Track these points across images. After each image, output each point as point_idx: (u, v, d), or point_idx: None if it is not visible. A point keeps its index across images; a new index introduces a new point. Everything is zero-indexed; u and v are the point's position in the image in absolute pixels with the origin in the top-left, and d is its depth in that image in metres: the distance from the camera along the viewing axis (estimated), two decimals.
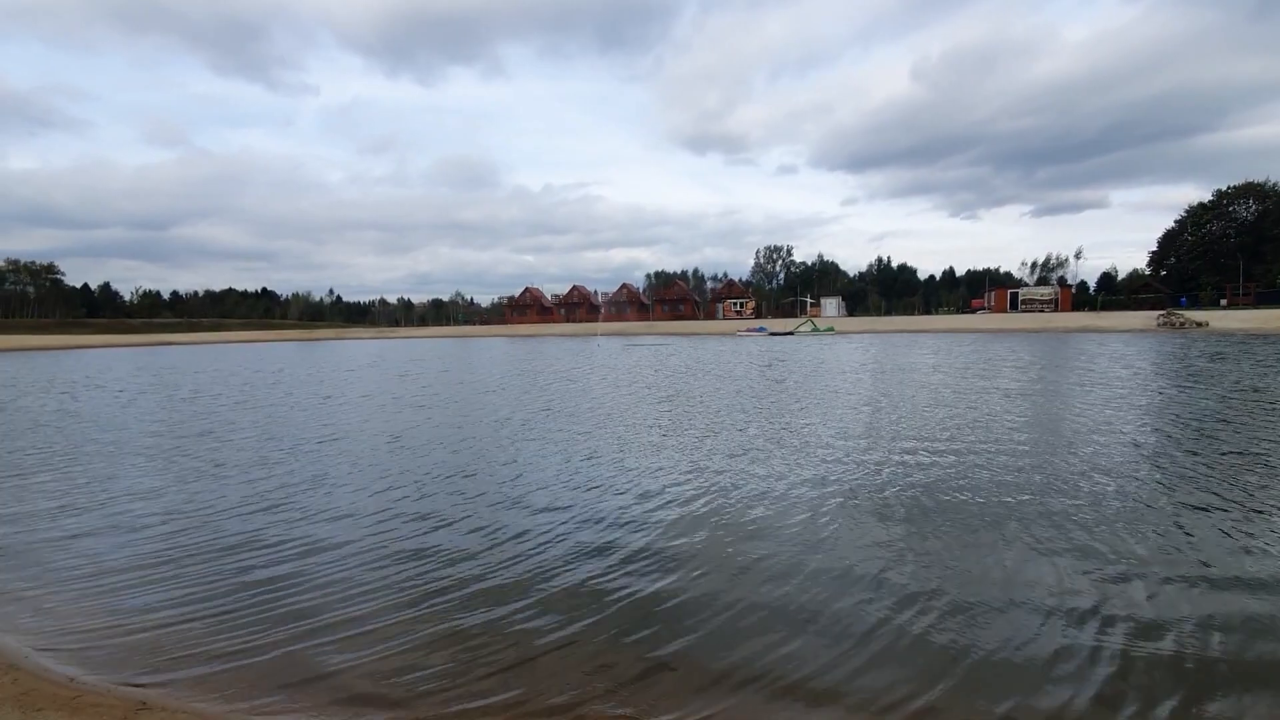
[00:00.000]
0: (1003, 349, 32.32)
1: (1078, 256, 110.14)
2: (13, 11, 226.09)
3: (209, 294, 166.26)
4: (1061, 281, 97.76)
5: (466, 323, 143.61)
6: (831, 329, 71.13)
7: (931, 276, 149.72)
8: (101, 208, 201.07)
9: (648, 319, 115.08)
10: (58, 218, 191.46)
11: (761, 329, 72.89)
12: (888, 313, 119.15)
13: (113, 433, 12.67)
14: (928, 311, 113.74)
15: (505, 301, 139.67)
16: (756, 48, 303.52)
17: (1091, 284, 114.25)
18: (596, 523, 6.37)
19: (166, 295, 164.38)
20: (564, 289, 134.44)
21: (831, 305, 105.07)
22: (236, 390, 21.12)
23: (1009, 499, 6.77)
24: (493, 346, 56.59)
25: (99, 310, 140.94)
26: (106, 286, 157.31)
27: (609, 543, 5.79)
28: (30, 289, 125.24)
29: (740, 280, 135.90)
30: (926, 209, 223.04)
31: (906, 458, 8.77)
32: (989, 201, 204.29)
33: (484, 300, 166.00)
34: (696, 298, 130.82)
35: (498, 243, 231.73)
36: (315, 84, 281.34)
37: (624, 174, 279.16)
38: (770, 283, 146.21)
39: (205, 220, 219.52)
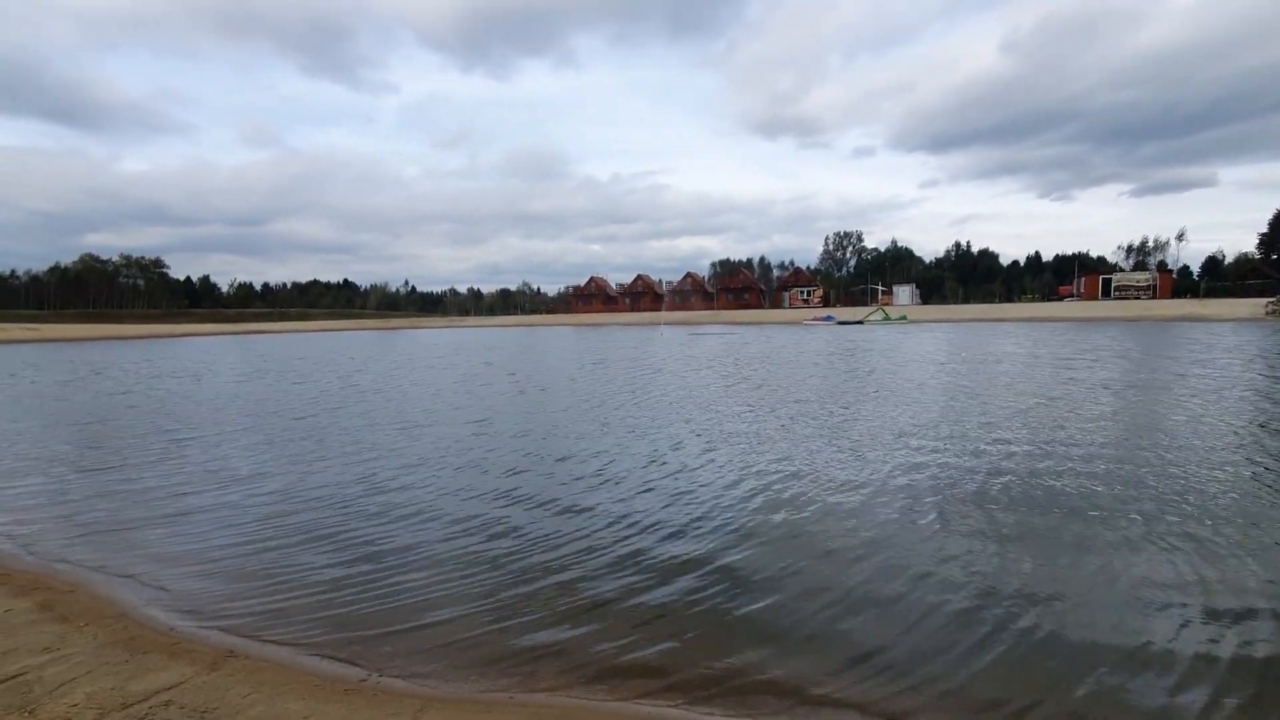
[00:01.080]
0: (1102, 339, 30.28)
1: (1179, 239, 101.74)
2: (128, 23, 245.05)
3: (295, 285, 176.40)
4: (1161, 266, 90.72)
5: (533, 312, 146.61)
6: (904, 317, 68.55)
7: (1015, 262, 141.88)
8: (203, 206, 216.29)
9: (712, 308, 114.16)
10: (166, 216, 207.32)
11: (829, 318, 71.07)
12: (966, 300, 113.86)
13: (233, 414, 13.62)
14: (1009, 299, 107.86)
15: (570, 291, 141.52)
16: (833, 26, 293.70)
17: (1195, 269, 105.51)
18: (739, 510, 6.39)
19: (259, 287, 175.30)
20: (629, 278, 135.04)
21: (904, 293, 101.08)
22: (350, 375, 22.30)
23: (1129, 506, 6.35)
24: (561, 335, 57.49)
25: (200, 301, 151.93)
26: (206, 279, 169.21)
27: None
28: (140, 282, 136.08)
29: (808, 268, 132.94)
30: (1014, 190, 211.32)
31: (1008, 452, 8.37)
32: (1085, 181, 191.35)
33: (550, 290, 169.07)
34: (762, 286, 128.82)
35: (565, 233, 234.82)
36: (395, 82, 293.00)
37: (692, 161, 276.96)
38: (840, 270, 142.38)
39: (295, 216, 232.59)
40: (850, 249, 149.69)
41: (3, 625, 3.87)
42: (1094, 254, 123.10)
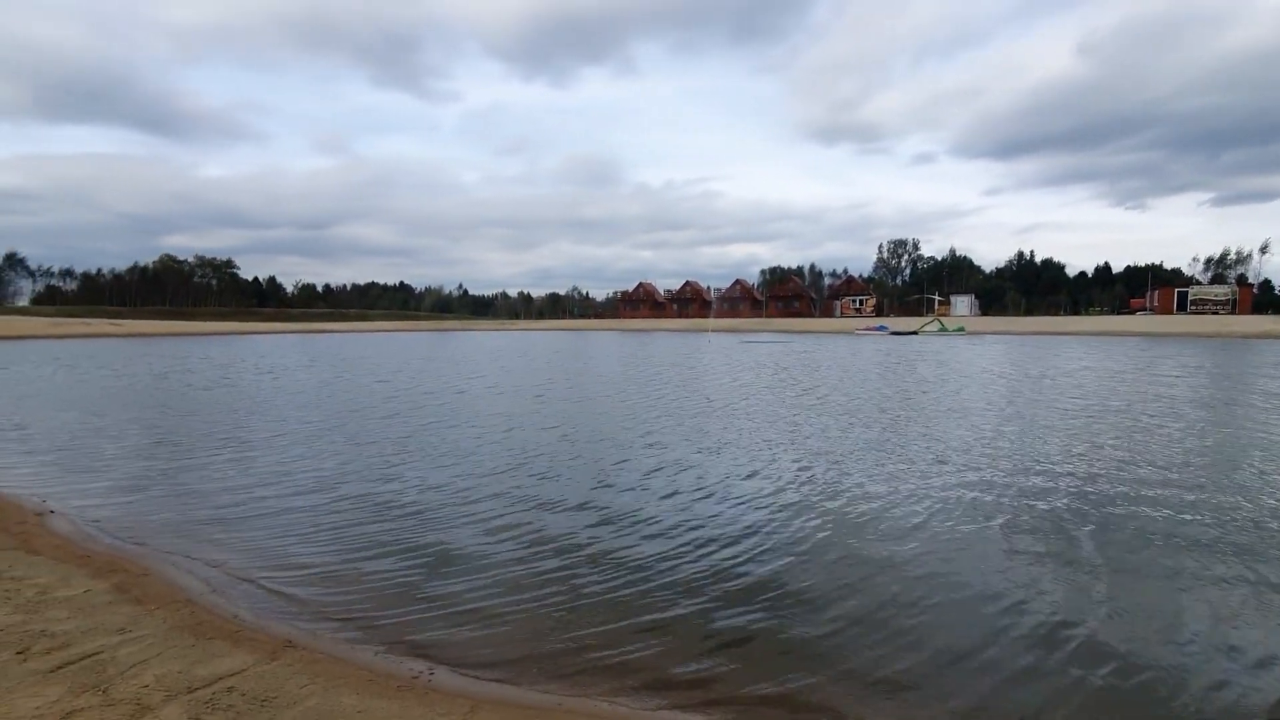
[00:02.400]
0: (1178, 355, 28.62)
1: (1263, 251, 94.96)
2: (215, 35, 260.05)
3: (355, 287, 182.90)
4: (1241, 280, 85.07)
5: (582, 316, 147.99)
6: (962, 329, 66.38)
7: (1082, 273, 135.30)
8: (275, 210, 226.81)
9: (760, 315, 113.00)
10: (239, 219, 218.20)
11: (882, 328, 69.41)
12: (1029, 312, 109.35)
13: (316, 411, 14.16)
14: (1075, 312, 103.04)
15: (619, 296, 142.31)
16: (902, 29, 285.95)
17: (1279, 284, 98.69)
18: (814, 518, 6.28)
19: (320, 288, 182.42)
20: (678, 284, 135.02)
21: (962, 303, 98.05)
22: (415, 377, 22.96)
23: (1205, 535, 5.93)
24: (611, 341, 57.85)
25: (266, 300, 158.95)
26: (273, 279, 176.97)
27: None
28: (213, 281, 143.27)
29: (861, 276, 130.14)
30: (1085, 198, 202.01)
31: (1086, 475, 7.96)
32: (1162, 189, 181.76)
33: (599, 295, 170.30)
34: (812, 294, 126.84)
35: (617, 239, 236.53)
36: (459, 91, 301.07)
37: (747, 168, 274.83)
38: (894, 279, 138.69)
39: (358, 220, 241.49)
40: (905, 257, 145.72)
41: (84, 604, 4.07)
42: (1168, 265, 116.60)
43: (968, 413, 12.47)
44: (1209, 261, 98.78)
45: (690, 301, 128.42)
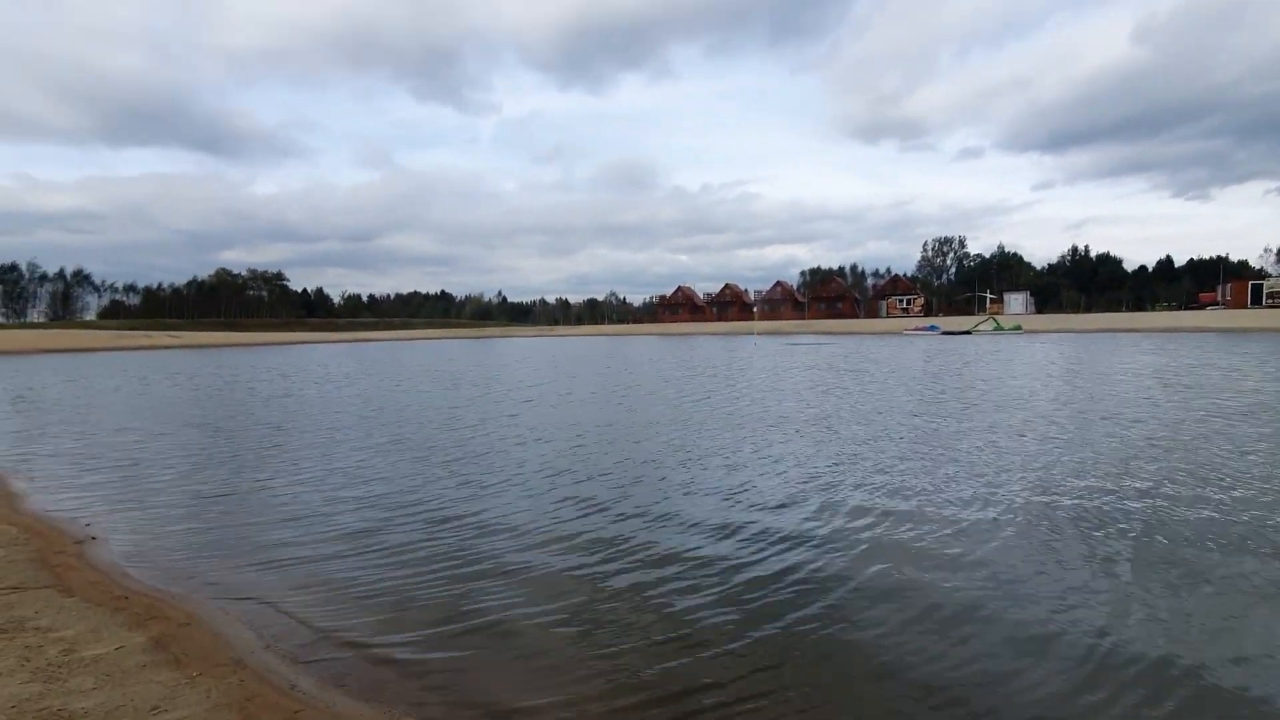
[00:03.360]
0: (1262, 353, 26.33)
1: None
2: (267, 57, 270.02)
3: (398, 296, 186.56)
4: None
5: (620, 321, 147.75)
6: (1018, 327, 63.44)
7: (1142, 267, 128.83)
8: (321, 223, 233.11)
9: (803, 317, 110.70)
10: (289, 233, 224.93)
11: (933, 328, 66.92)
12: (1087, 309, 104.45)
13: (380, 427, 13.68)
14: (1139, 308, 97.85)
15: (657, 301, 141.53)
16: (948, 20, 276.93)
17: None
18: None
19: (365, 297, 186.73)
20: (715, 287, 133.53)
21: (1016, 301, 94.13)
22: (482, 384, 22.57)
23: None
24: (656, 345, 57.08)
25: (314, 311, 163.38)
26: (320, 290, 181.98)
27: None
28: (264, 293, 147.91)
29: (905, 275, 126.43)
30: (1143, 190, 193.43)
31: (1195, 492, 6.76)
32: (1226, 178, 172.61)
33: (635, 300, 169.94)
34: (856, 295, 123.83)
35: (653, 243, 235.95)
36: (497, 102, 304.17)
37: (785, 169, 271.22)
38: (939, 278, 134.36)
39: (400, 231, 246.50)
40: (951, 255, 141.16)
41: (114, 668, 3.36)
42: (1234, 258, 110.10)
43: (1054, 420, 11.18)
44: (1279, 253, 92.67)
45: (730, 304, 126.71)
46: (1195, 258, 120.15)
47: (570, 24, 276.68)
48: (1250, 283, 73.64)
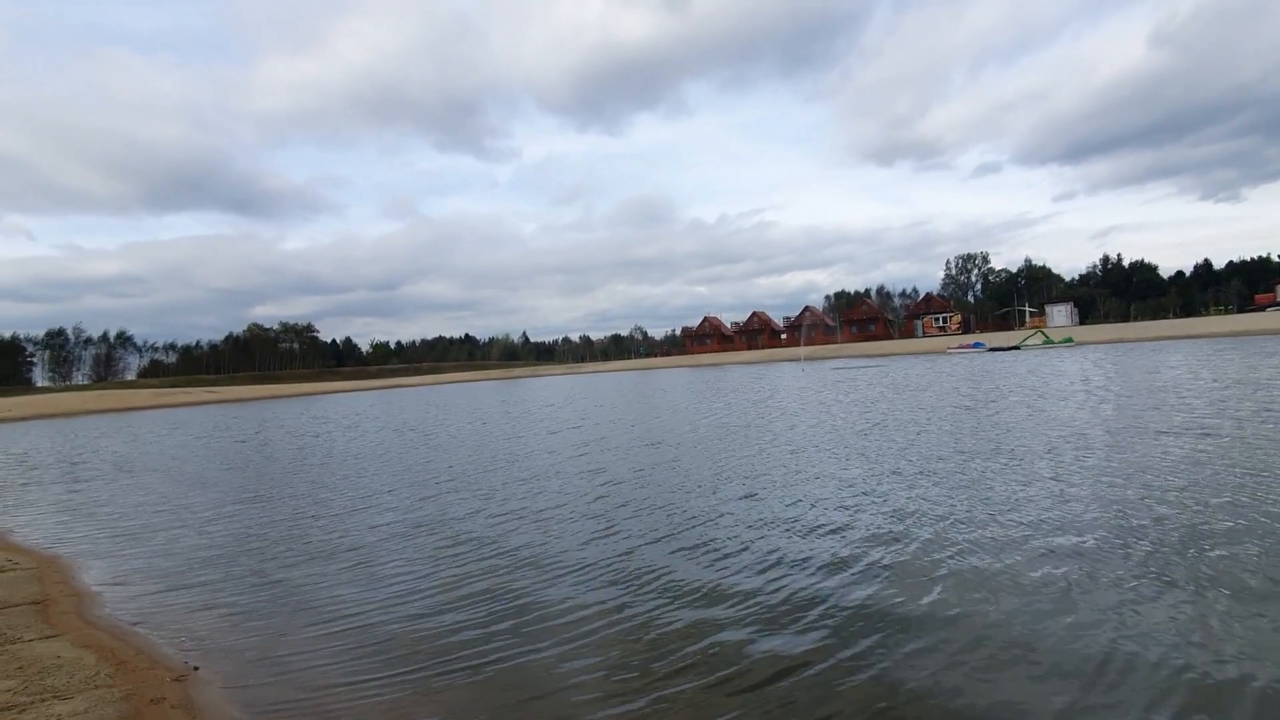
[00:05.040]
0: None
1: None
2: (297, 118, 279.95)
3: (424, 342, 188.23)
4: None
5: (648, 355, 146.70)
6: (1070, 340, 60.88)
7: (1179, 273, 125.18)
8: (349, 274, 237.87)
9: (835, 341, 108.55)
10: (318, 285, 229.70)
11: (979, 345, 64.55)
12: (1127, 318, 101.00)
13: (454, 494, 12.50)
14: (1188, 313, 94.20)
15: (684, 332, 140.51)
16: (959, 39, 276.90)
17: None
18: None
19: (393, 344, 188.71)
20: (742, 316, 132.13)
21: (1060, 312, 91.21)
22: (544, 429, 21.41)
23: None
24: (692, 378, 55.67)
25: (344, 360, 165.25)
26: (349, 340, 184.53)
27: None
28: (295, 345, 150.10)
29: (935, 294, 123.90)
30: (1169, 194, 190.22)
31: None
32: (1257, 176, 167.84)
33: (657, 333, 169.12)
34: (888, 316, 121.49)
35: (672, 276, 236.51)
36: (517, 147, 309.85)
37: (800, 195, 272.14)
38: (965, 294, 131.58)
39: (424, 278, 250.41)
40: (975, 271, 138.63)
41: None
42: (1276, 257, 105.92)
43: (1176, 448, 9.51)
44: None
45: (759, 332, 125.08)
46: (1235, 259, 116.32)
47: (585, 68, 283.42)
48: None
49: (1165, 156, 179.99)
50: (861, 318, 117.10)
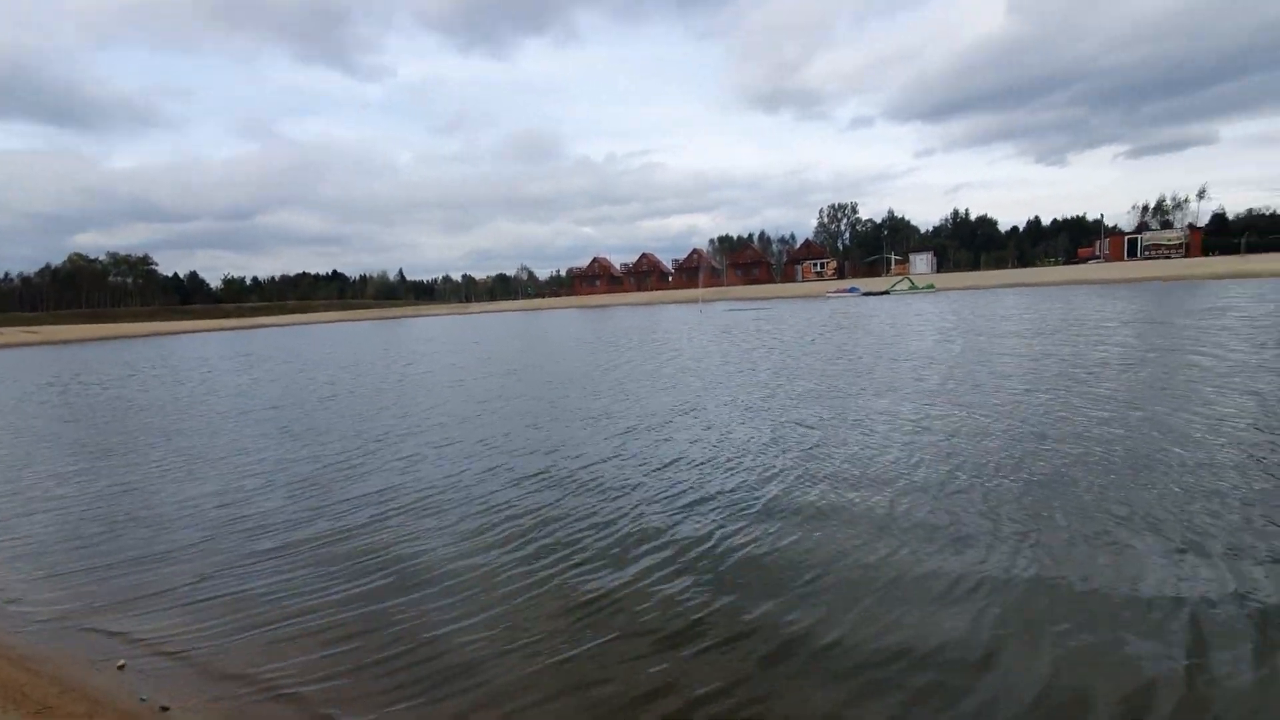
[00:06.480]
0: (1198, 301, 28.13)
1: (1201, 196, 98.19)
2: (126, 16, 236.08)
3: (285, 278, 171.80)
4: (1165, 225, 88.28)
5: (535, 295, 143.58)
6: (931, 286, 66.45)
7: (1015, 228, 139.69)
8: (193, 201, 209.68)
9: (720, 284, 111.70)
10: (155, 212, 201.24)
11: (854, 289, 68.88)
12: (974, 268, 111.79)
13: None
14: (1024, 264, 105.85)
15: (574, 273, 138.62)
16: None
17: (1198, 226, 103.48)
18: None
19: (249, 280, 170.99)
20: (629, 259, 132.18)
21: (922, 261, 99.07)
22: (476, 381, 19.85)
23: None
24: (592, 319, 55.06)
25: (190, 298, 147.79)
26: (194, 275, 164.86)
27: None
28: (130, 280, 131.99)
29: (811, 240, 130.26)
30: (1010, 155, 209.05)
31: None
32: (1082, 144, 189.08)
33: (542, 274, 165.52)
34: (769, 260, 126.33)
35: (558, 215, 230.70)
36: (391, 65, 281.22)
37: (688, 138, 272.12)
38: (836, 242, 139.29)
39: (285, 208, 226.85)
40: (845, 220, 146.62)
41: None
42: (1090, 217, 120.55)
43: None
44: (1145, 209, 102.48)
45: (648, 275, 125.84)
46: (1059, 218, 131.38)
47: None
48: (1126, 237, 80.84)
49: (1010, 120, 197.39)
50: (747, 261, 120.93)
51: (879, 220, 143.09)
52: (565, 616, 3.88)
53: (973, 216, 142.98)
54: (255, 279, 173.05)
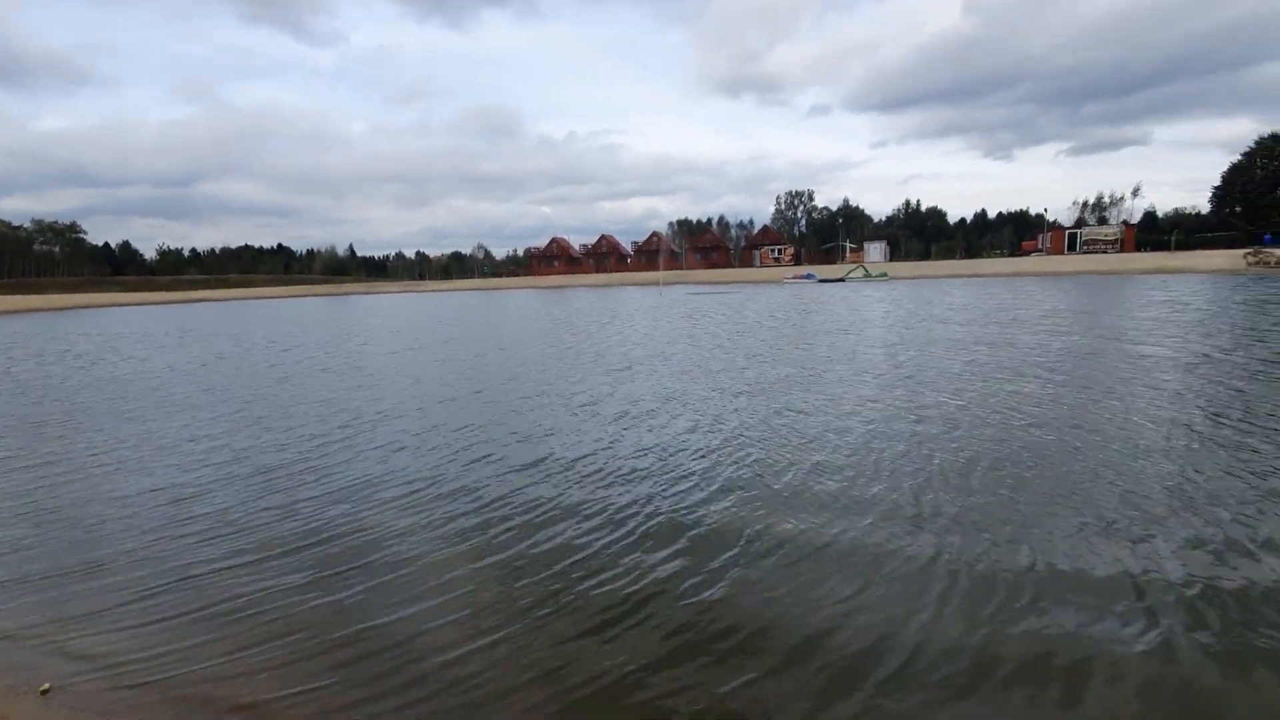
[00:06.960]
0: (1133, 291, 29.49)
1: (1135, 194, 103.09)
2: None
3: (226, 251, 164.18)
4: (1102, 221, 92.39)
5: (492, 275, 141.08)
6: (885, 275, 67.98)
7: (962, 219, 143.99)
8: (128, 166, 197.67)
9: (679, 268, 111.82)
10: (86, 177, 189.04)
11: (810, 276, 69.92)
12: (924, 257, 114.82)
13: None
14: (969, 255, 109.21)
15: (532, 253, 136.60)
16: None
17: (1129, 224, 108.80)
18: None
19: (187, 252, 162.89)
20: (587, 240, 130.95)
21: (876, 249, 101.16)
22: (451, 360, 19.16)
23: None
24: (551, 301, 54.42)
25: (122, 269, 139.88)
26: (127, 245, 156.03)
27: None
28: (56, 249, 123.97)
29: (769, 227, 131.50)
30: (959, 149, 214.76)
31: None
32: (1029, 140, 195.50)
33: (499, 253, 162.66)
34: (728, 245, 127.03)
35: (516, 194, 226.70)
36: (343, 30, 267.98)
37: (650, 121, 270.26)
38: (793, 229, 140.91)
39: (228, 176, 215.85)
40: (801, 208, 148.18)
41: None
42: (1033, 211, 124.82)
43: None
44: (1084, 205, 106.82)
45: (607, 256, 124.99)
46: (1004, 211, 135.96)
47: None
48: (1066, 232, 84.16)
49: (961, 115, 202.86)
50: (706, 246, 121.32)
51: (834, 208, 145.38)
52: (515, 606, 3.75)
53: (923, 207, 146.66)
54: (194, 250, 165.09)
